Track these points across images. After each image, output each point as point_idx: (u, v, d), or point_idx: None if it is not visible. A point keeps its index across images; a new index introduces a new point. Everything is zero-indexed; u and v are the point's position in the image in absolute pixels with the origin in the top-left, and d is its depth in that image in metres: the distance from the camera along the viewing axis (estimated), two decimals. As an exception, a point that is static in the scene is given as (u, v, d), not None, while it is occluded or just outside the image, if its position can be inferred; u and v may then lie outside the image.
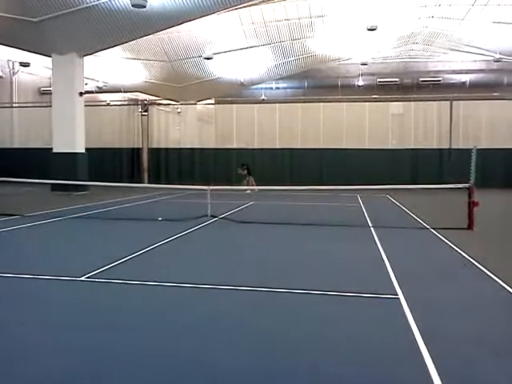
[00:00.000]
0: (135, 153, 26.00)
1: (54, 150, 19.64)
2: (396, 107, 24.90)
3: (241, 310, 5.00)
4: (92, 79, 29.79)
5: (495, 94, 26.86)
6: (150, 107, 26.60)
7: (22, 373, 3.50)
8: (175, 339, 4.17)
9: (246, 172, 21.35)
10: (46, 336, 4.23)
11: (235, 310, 4.98)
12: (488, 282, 6.12)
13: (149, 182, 24.77)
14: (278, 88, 34.96)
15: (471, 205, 10.39)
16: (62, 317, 4.74)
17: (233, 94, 32.83)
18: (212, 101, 31.57)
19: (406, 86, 32.89)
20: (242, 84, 31.53)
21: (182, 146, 25.89)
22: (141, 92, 30.68)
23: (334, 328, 4.48)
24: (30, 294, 5.52)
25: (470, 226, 10.32)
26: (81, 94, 19.64)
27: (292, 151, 24.43)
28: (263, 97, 32.59)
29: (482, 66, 31.70)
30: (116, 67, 27.99)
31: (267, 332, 4.34)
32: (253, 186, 20.12)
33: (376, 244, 8.63)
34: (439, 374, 3.45)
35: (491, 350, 3.97)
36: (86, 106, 20.47)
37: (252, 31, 25.35)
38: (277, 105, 26.42)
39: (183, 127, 26.89)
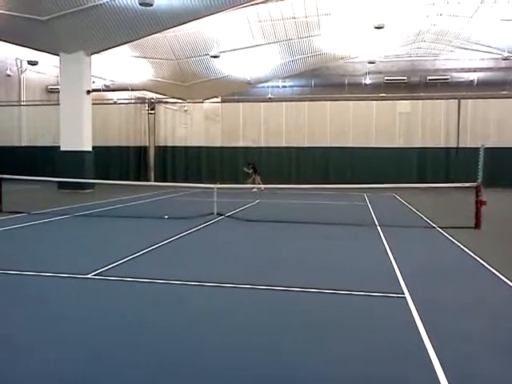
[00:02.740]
0: (142, 151, 26.06)
1: (62, 148, 19.70)
2: (403, 106, 24.77)
3: (239, 308, 5.00)
4: (99, 77, 29.88)
5: (503, 92, 26.66)
6: (156, 105, 26.65)
7: (27, 367, 3.52)
8: (179, 337, 4.18)
9: (252, 170, 21.34)
10: (46, 335, 4.25)
11: (233, 307, 4.99)
12: (495, 281, 6.09)
13: (155, 180, 24.83)
14: (284, 86, 34.88)
15: (479, 204, 10.33)
16: (66, 314, 4.76)
17: (239, 92, 32.81)
18: (219, 99, 31.57)
19: (414, 84, 32.69)
20: (248, 82, 31.49)
21: (189, 145, 25.92)
22: (148, 90, 30.74)
23: (340, 326, 4.47)
24: (37, 291, 5.55)
25: (477, 225, 10.25)
26: (88, 92, 19.69)
27: (298, 149, 24.39)
28: (270, 95, 32.54)
29: (491, 64, 31.44)
30: (123, 65, 28.04)
31: (280, 330, 4.35)
32: (259, 184, 20.10)
33: (383, 243, 8.60)
34: (445, 373, 3.43)
35: (497, 349, 3.95)
36: (93, 104, 20.52)
37: (259, 29, 25.30)
38: (283, 103, 26.37)
39: (190, 125, 26.88)
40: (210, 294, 5.44)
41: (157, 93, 30.53)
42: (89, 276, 6.07)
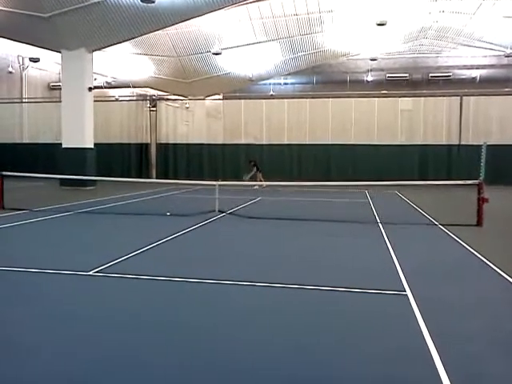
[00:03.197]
0: (143, 148, 26.07)
1: (64, 146, 19.72)
2: (405, 103, 24.71)
3: (241, 308, 5.01)
4: (101, 74, 29.87)
5: (506, 89, 26.61)
6: (158, 102, 26.64)
7: (35, 367, 3.53)
8: (187, 337, 4.19)
9: (254, 168, 21.34)
10: (54, 334, 4.26)
11: (230, 305, 5.00)
12: (497, 280, 6.07)
13: (157, 178, 24.85)
14: (286, 83, 34.87)
15: (480, 201, 10.31)
16: (66, 311, 4.76)
17: (241, 89, 32.78)
18: (220, 96, 31.56)
19: (416, 81, 32.65)
20: (250, 79, 31.47)
21: (190, 142, 25.92)
22: (149, 87, 30.72)
23: (341, 323, 4.47)
24: (40, 288, 5.55)
25: (479, 223, 10.24)
26: (90, 89, 19.68)
27: (300, 147, 24.37)
28: (272, 92, 32.52)
29: (493, 61, 31.37)
30: (125, 62, 28.04)
31: (282, 328, 4.35)
32: (261, 181, 20.10)
33: (384, 240, 8.59)
34: (447, 372, 3.42)
35: (500, 349, 3.94)
36: (94, 101, 20.50)
37: (261, 26, 25.27)
38: (285, 100, 26.33)
39: (191, 122, 26.87)
40: (209, 293, 5.45)
41: (158, 90, 30.51)
42: (91, 273, 6.08)
